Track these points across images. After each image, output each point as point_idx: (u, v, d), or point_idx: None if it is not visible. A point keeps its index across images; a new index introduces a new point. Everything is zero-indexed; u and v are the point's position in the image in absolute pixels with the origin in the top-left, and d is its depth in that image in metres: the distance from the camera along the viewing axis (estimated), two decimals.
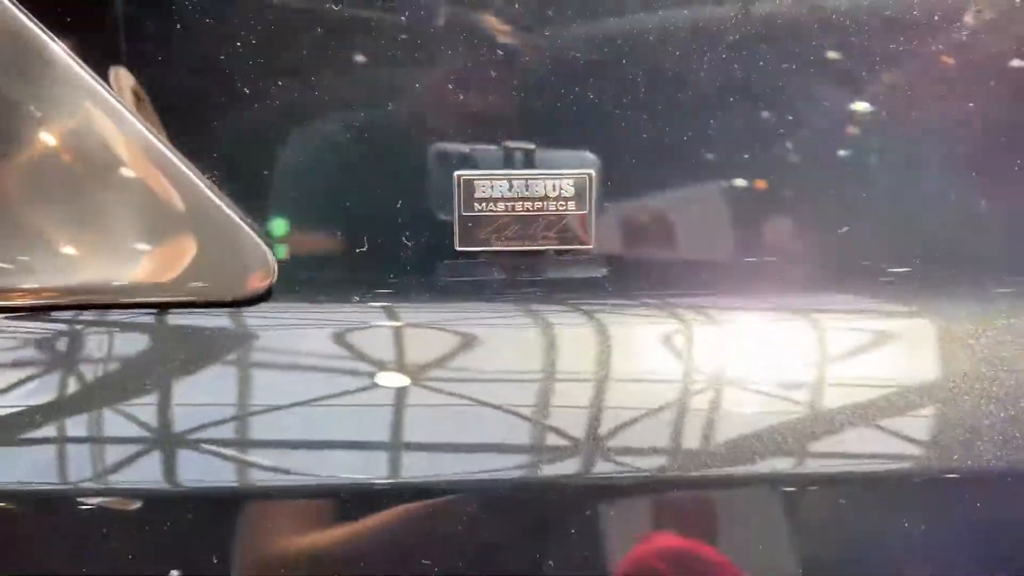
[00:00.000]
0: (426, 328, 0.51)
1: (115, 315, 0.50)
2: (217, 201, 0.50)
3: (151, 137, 0.49)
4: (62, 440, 0.47)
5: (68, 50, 0.49)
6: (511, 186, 0.52)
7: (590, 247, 0.52)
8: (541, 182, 0.51)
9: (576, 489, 0.47)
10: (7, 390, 0.48)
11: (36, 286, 0.50)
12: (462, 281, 0.53)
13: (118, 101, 0.49)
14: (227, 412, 0.48)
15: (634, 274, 0.53)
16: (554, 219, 0.52)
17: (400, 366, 0.49)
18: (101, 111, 0.49)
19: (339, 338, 0.50)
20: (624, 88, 0.51)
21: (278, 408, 0.48)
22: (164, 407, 0.47)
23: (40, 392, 0.48)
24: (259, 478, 0.47)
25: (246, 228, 0.51)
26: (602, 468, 0.47)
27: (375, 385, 0.48)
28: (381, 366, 0.49)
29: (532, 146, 0.52)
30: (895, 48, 0.51)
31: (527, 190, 0.52)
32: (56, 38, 0.48)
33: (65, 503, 0.46)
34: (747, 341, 0.51)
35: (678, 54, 0.51)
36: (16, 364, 0.49)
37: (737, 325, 0.51)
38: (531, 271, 0.53)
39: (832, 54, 0.51)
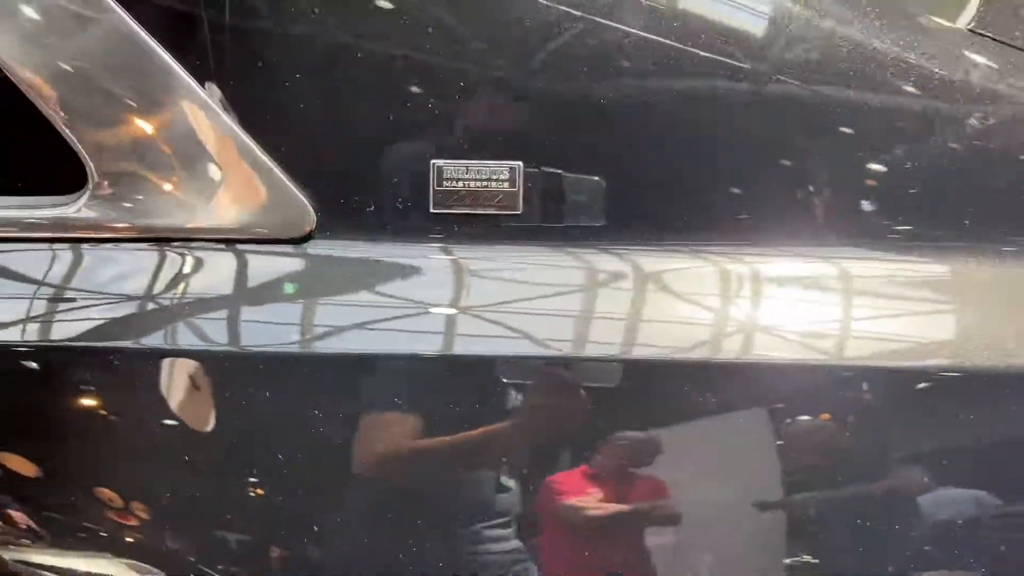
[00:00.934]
0: (414, 258, 0.80)
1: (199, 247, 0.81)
2: (280, 174, 0.80)
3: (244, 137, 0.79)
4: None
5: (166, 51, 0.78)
6: (468, 170, 0.79)
7: (519, 212, 0.80)
8: (487, 168, 0.79)
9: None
10: (158, 296, 0.79)
11: (172, 224, 0.80)
12: (435, 231, 0.81)
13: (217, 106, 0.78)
14: (281, 312, 0.78)
15: (549, 231, 0.81)
16: (495, 193, 0.79)
17: (388, 281, 0.78)
18: (196, 105, 0.78)
19: (376, 270, 0.81)
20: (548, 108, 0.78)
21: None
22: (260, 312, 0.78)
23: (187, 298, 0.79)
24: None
25: (299, 194, 0.80)
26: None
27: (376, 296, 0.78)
28: (385, 283, 0.78)
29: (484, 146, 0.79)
30: None
31: (478, 174, 0.79)
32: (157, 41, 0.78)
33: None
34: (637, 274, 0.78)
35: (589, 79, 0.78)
36: (153, 274, 0.80)
37: (630, 263, 0.79)
38: (479, 227, 0.81)
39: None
